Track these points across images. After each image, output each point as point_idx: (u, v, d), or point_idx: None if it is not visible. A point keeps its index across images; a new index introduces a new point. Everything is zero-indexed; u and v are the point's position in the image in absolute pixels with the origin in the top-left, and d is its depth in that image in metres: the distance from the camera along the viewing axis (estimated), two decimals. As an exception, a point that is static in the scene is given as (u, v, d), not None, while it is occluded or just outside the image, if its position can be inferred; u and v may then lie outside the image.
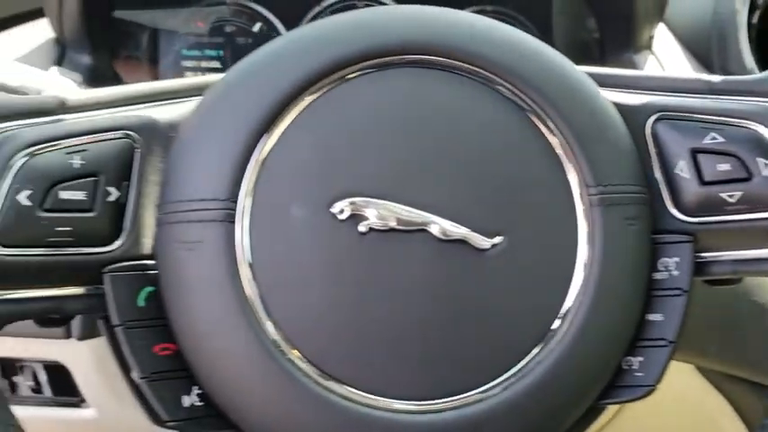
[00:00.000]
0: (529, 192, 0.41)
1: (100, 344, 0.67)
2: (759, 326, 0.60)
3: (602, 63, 0.79)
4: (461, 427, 0.40)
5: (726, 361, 0.61)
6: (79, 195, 0.40)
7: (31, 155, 0.39)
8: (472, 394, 0.40)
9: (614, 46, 0.78)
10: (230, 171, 0.40)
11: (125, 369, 0.43)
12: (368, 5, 0.80)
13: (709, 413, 0.72)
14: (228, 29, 0.81)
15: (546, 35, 0.82)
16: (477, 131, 0.41)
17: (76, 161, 0.40)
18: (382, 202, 0.40)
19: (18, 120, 0.41)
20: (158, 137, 0.42)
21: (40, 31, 0.78)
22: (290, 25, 0.80)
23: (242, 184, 0.40)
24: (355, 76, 0.41)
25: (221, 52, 0.81)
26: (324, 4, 0.80)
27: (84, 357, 0.68)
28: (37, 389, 0.73)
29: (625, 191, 0.42)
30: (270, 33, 0.81)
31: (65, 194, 0.40)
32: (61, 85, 0.52)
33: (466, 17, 0.43)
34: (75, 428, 0.75)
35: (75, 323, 0.64)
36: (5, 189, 0.38)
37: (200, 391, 0.42)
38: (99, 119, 0.42)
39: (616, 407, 0.77)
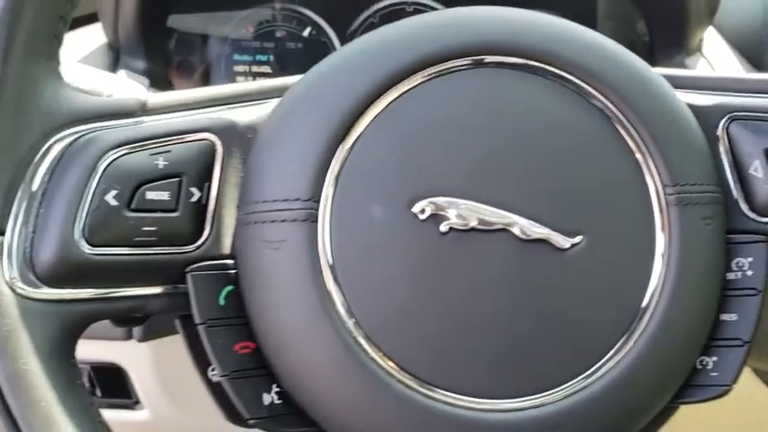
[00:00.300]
0: (607, 192, 0.41)
1: (158, 346, 0.68)
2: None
3: (653, 66, 0.78)
4: (540, 426, 0.40)
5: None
6: (164, 196, 0.40)
7: (117, 156, 0.40)
8: (552, 393, 0.40)
9: (665, 49, 0.78)
10: (312, 171, 0.40)
11: (202, 368, 0.44)
12: (417, 10, 0.80)
13: (759, 410, 0.72)
14: (279, 34, 0.82)
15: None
16: (555, 132, 0.42)
17: (161, 162, 0.41)
18: (463, 201, 0.40)
19: (101, 121, 0.41)
20: (237, 138, 0.43)
21: (91, 37, 0.79)
22: (340, 30, 0.81)
23: (324, 185, 0.40)
24: (435, 77, 0.41)
25: (271, 57, 0.82)
26: (373, 9, 0.81)
27: (143, 359, 0.69)
28: (90, 391, 0.74)
29: (701, 190, 0.42)
30: (319, 38, 0.81)
31: (151, 195, 0.40)
32: (130, 88, 0.52)
33: (544, 18, 0.43)
34: (128, 430, 0.76)
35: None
36: (93, 189, 0.39)
37: (279, 390, 0.42)
38: (180, 120, 0.42)
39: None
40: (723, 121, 0.44)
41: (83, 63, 0.74)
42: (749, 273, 0.44)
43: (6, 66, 0.38)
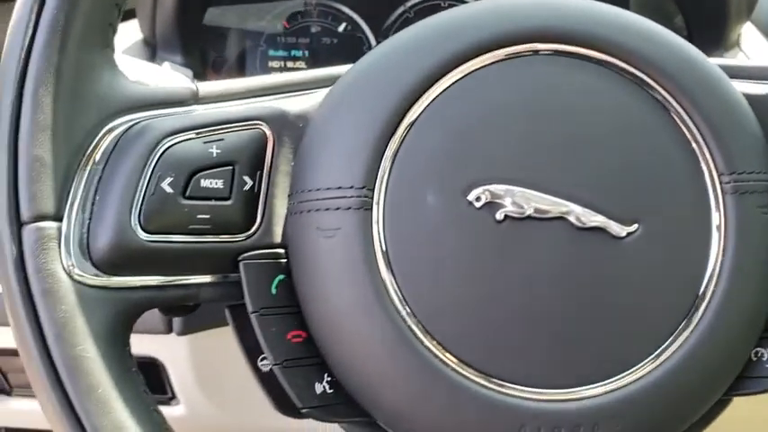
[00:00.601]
0: (662, 180, 0.41)
1: (197, 340, 0.68)
2: None
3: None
4: (597, 417, 0.39)
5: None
6: (218, 184, 0.40)
7: (172, 143, 0.40)
8: (609, 383, 0.40)
9: (703, 44, 0.76)
10: (366, 158, 0.40)
11: (251, 358, 0.44)
12: (452, 5, 0.80)
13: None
14: (314, 29, 0.82)
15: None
16: (611, 120, 0.41)
17: (214, 150, 0.41)
18: (519, 189, 0.40)
19: (154, 109, 0.42)
20: (288, 127, 0.43)
21: (126, 34, 0.80)
22: (375, 25, 0.81)
23: (378, 172, 0.40)
24: (491, 63, 0.41)
25: (306, 52, 0.82)
26: (408, 4, 0.80)
27: (181, 354, 0.69)
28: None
29: (758, 179, 0.41)
30: (354, 33, 0.81)
31: (205, 183, 0.40)
32: (176, 79, 0.53)
33: (602, 7, 0.43)
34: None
35: (177, 318, 0.65)
36: (149, 176, 0.39)
37: (330, 379, 0.42)
38: (232, 109, 0.42)
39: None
40: None
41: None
42: None
43: (63, 53, 0.38)
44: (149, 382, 0.73)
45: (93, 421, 0.37)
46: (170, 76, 0.50)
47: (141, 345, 0.68)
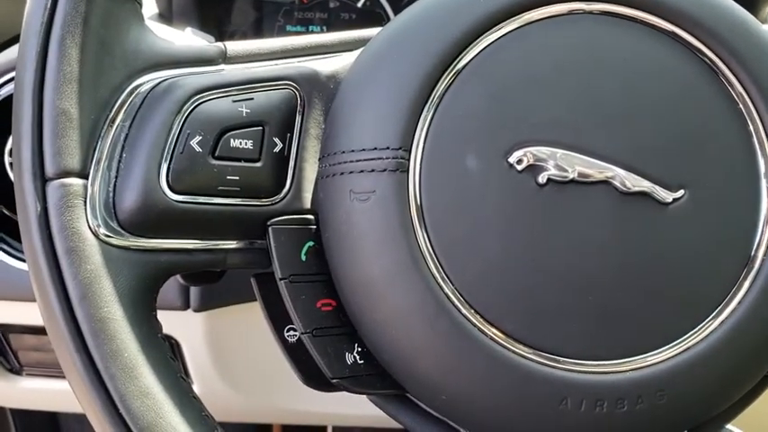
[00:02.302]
0: (710, 145, 0.39)
1: (211, 317, 0.66)
2: None
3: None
4: (642, 389, 0.38)
5: None
6: (248, 144, 0.39)
7: (201, 101, 0.39)
8: (654, 354, 0.38)
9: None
10: (403, 119, 0.38)
11: (278, 327, 0.42)
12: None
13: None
14: (332, 4, 0.80)
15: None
16: (659, 83, 0.40)
17: (244, 110, 0.39)
18: (562, 152, 0.38)
19: (183, 67, 0.40)
20: (319, 88, 0.41)
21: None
22: (394, 0, 0.79)
23: (415, 133, 0.38)
24: (535, 21, 0.40)
25: (324, 28, 0.81)
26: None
27: (197, 331, 0.67)
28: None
29: None
30: (373, 9, 0.80)
31: (234, 143, 0.39)
32: (201, 41, 0.51)
33: None
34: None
35: (194, 294, 0.63)
36: (177, 134, 0.38)
37: (361, 349, 0.40)
38: (262, 69, 0.41)
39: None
40: None
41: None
42: None
43: (91, 2, 0.36)
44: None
45: (119, 386, 0.35)
46: (193, 39, 0.49)
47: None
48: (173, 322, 0.66)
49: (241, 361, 0.71)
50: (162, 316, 0.65)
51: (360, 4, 0.80)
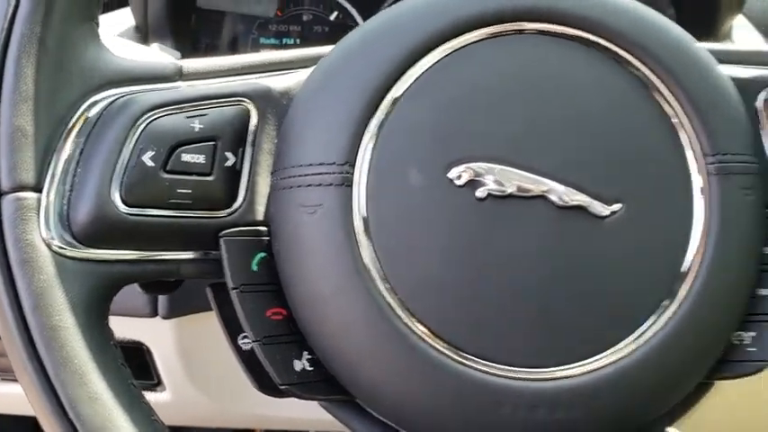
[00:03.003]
0: (646, 160, 0.41)
1: (181, 324, 0.68)
2: None
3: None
4: (577, 396, 0.39)
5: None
6: (199, 159, 0.40)
7: (155, 117, 0.40)
8: (588, 362, 0.40)
9: (695, 36, 0.77)
10: (348, 135, 0.40)
11: (232, 336, 0.44)
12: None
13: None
14: (305, 17, 0.82)
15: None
16: (595, 100, 0.41)
17: (197, 125, 0.40)
18: (501, 167, 0.40)
19: (138, 84, 0.41)
20: (272, 104, 0.43)
21: (119, 21, 0.80)
22: (366, 14, 0.81)
23: (359, 149, 0.40)
24: (475, 42, 0.41)
25: (298, 40, 0.82)
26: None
27: (167, 338, 0.68)
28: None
29: (742, 160, 0.41)
30: (345, 22, 0.81)
31: (186, 157, 0.40)
32: (162, 57, 0.52)
33: None
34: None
35: (163, 300, 0.65)
36: (130, 149, 0.39)
37: (310, 357, 0.42)
38: (216, 86, 0.42)
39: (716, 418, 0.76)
40: (763, 93, 0.44)
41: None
42: None
43: (47, 25, 0.38)
44: (135, 368, 0.74)
45: (69, 392, 0.37)
46: (157, 55, 0.50)
47: (127, 328, 0.68)
48: (143, 329, 0.68)
49: (212, 367, 0.72)
50: (132, 323, 0.67)
51: (332, 18, 0.82)
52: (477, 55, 0.41)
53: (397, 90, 0.41)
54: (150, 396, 0.75)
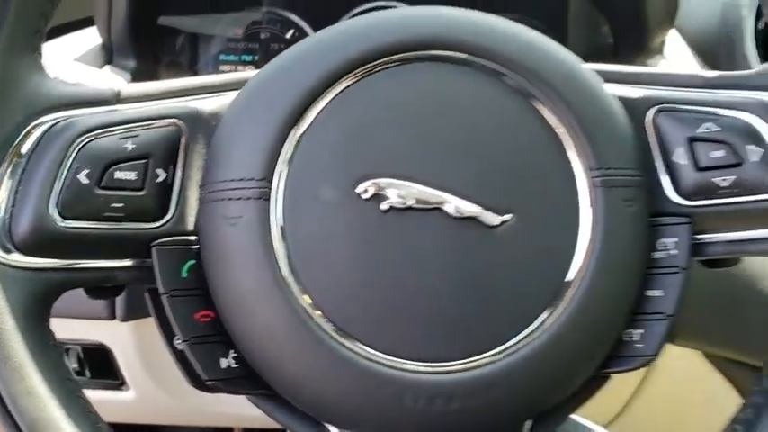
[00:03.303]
0: (535, 174, 0.45)
1: (140, 326, 0.72)
2: (759, 313, 0.63)
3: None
4: (469, 388, 0.43)
5: (729, 347, 0.64)
6: (131, 175, 0.45)
7: (90, 139, 0.44)
8: (481, 358, 0.44)
9: (627, 51, 0.82)
10: (266, 154, 0.44)
11: (168, 337, 0.48)
12: (393, 13, 0.85)
13: (712, 396, 0.75)
14: (263, 35, 0.86)
15: (562, 41, 0.86)
16: (487, 120, 0.45)
17: (129, 145, 0.45)
18: (402, 182, 0.44)
19: (78, 108, 0.46)
20: (202, 125, 0.47)
21: (88, 38, 0.84)
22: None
23: (276, 166, 0.44)
24: (377, 71, 0.45)
25: (256, 57, 0.87)
26: (351, 13, 0.85)
27: (127, 340, 0.73)
28: (78, 371, 0.78)
29: (624, 174, 0.45)
30: (300, 39, 0.86)
31: (119, 174, 0.44)
32: (113, 82, 0.57)
33: (480, 16, 0.47)
34: (114, 409, 0.80)
35: (120, 304, 0.69)
36: (67, 168, 0.43)
37: (235, 355, 0.46)
38: (149, 108, 0.47)
39: (627, 396, 0.81)
40: (651, 111, 0.48)
41: (78, 61, 0.79)
42: (673, 252, 0.47)
43: None
44: (102, 369, 0.78)
45: (9, 387, 0.41)
46: (106, 80, 0.54)
47: (89, 331, 0.73)
48: (103, 331, 0.72)
49: (171, 366, 0.76)
50: (94, 326, 0.72)
51: (288, 36, 0.86)
52: (376, 83, 0.45)
53: (311, 114, 0.45)
54: (116, 395, 0.80)
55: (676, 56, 0.82)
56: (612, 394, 0.80)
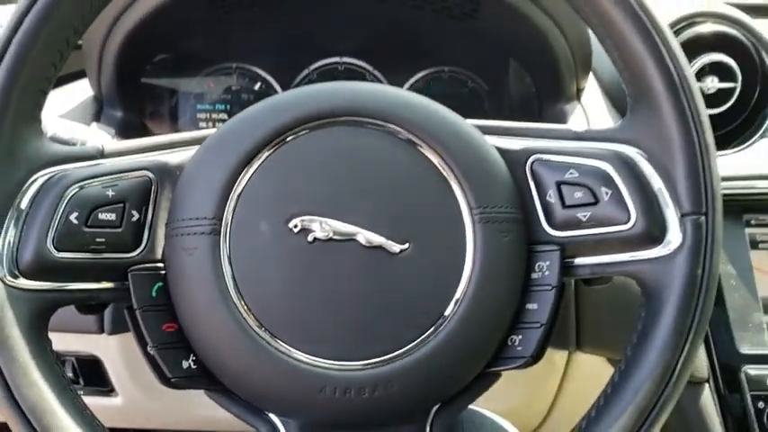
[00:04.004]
0: (429, 212, 0.57)
1: (126, 339, 0.84)
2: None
3: (540, 114, 0.95)
4: (375, 381, 0.55)
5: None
6: (111, 216, 0.57)
7: (79, 188, 0.56)
8: (384, 358, 0.55)
9: (547, 99, 0.94)
10: (217, 198, 0.56)
11: (142, 344, 0.59)
12: (347, 69, 0.97)
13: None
14: (234, 87, 0.99)
15: (495, 91, 0.99)
16: (389, 168, 0.57)
17: (110, 192, 0.57)
18: (324, 219, 0.56)
19: (69, 164, 0.58)
20: (169, 174, 0.59)
21: (82, 90, 0.96)
22: (285, 85, 0.98)
23: (225, 207, 0.56)
24: (303, 134, 0.57)
25: (229, 106, 0.99)
26: (312, 68, 0.97)
27: (115, 351, 0.84)
28: (74, 380, 0.90)
29: (499, 211, 0.57)
30: (268, 91, 0.98)
31: (101, 215, 0.56)
32: (99, 136, 0.69)
33: (377, 87, 0.59)
34: (105, 414, 0.91)
35: (107, 320, 0.81)
36: (60, 212, 0.55)
37: (194, 358, 0.58)
38: (126, 162, 0.59)
39: (546, 404, 0.92)
40: (530, 159, 0.60)
41: (74, 111, 0.92)
42: (547, 273, 0.59)
43: (1, 127, 0.54)
44: (93, 377, 0.89)
45: (15, 381, 0.53)
46: (92, 135, 0.67)
47: (82, 344, 0.84)
48: (94, 343, 0.84)
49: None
50: (86, 339, 0.84)
51: (257, 87, 0.99)
52: (301, 143, 0.57)
53: (252, 167, 0.57)
54: (106, 401, 0.91)
55: (591, 102, 0.93)
56: (536, 397, 0.91)
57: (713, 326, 0.84)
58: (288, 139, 0.58)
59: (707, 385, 0.83)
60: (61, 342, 0.83)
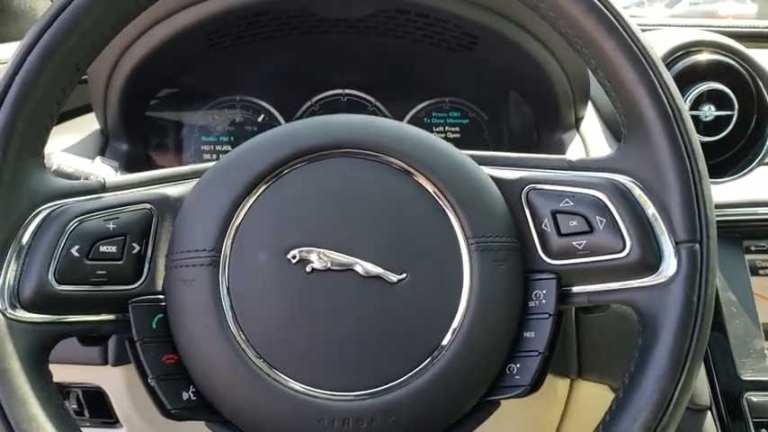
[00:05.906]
0: (426, 243, 0.58)
1: (130, 370, 0.84)
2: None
3: (539, 143, 0.96)
4: (373, 412, 0.55)
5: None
6: (112, 249, 0.58)
7: (80, 222, 0.57)
8: (382, 389, 0.56)
9: (546, 128, 0.95)
10: (216, 230, 0.57)
11: (143, 376, 0.60)
12: (349, 100, 0.99)
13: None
14: (238, 119, 1.01)
15: (495, 121, 1.00)
16: (386, 199, 0.58)
17: (111, 225, 0.58)
18: (322, 250, 0.57)
19: (71, 197, 0.59)
20: (169, 207, 0.60)
21: (88, 123, 0.98)
22: (288, 116, 1.00)
23: (224, 239, 0.57)
24: (300, 166, 0.59)
25: (232, 138, 1.01)
26: (314, 99, 0.99)
27: (119, 382, 0.85)
28: (79, 411, 0.90)
29: (495, 240, 0.58)
30: (271, 123, 1.00)
31: (103, 248, 0.57)
32: (103, 170, 0.71)
33: (375, 120, 0.61)
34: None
35: (111, 351, 0.81)
36: (62, 245, 0.56)
37: (194, 389, 0.58)
38: (127, 195, 0.60)
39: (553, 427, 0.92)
40: (526, 189, 0.61)
41: (81, 144, 0.93)
42: (544, 301, 0.59)
43: (5, 162, 0.55)
44: (98, 409, 0.90)
45: (14, 413, 0.53)
46: (95, 169, 0.68)
47: (87, 376, 0.85)
48: (98, 375, 0.84)
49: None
50: (91, 371, 0.84)
51: (260, 119, 1.00)
52: (300, 175, 0.58)
53: (250, 200, 0.58)
54: (110, 432, 0.91)
55: (590, 131, 0.94)
56: (538, 427, 0.91)
57: (714, 353, 0.85)
58: (285, 171, 0.59)
59: (709, 413, 0.83)
60: (66, 374, 0.84)
